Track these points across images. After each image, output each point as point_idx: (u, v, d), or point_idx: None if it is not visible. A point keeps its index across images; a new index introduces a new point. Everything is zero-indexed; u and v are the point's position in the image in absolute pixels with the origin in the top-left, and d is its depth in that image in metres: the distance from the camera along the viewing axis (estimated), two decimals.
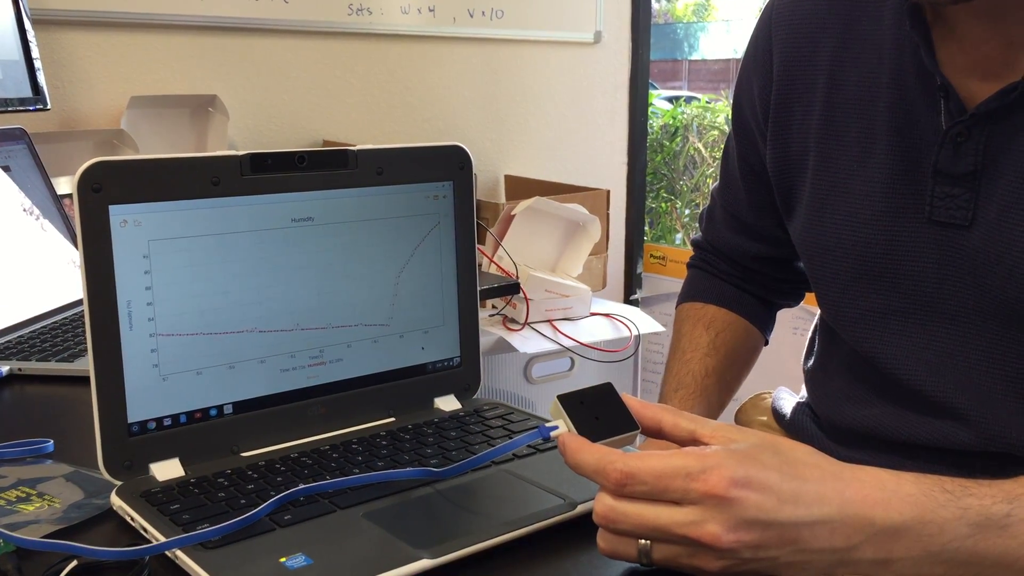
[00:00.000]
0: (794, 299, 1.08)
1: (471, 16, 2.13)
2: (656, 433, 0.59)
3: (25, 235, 1.16)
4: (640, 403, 0.60)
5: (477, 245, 0.81)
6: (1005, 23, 0.69)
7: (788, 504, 0.52)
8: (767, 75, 0.87)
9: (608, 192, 2.07)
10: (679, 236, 3.61)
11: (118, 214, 0.63)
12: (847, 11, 0.81)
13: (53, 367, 0.95)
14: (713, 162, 3.50)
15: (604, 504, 0.53)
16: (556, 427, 0.59)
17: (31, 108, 1.39)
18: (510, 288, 1.64)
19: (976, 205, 0.73)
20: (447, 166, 0.77)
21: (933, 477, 0.57)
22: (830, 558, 0.54)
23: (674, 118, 3.69)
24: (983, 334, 0.75)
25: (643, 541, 0.53)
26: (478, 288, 0.81)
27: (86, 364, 0.64)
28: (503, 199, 2.26)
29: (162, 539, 0.57)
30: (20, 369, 0.95)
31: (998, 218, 0.72)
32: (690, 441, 0.57)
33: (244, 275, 0.68)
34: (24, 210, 1.18)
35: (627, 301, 2.49)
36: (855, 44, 0.80)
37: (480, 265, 1.71)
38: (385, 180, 0.74)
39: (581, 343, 1.76)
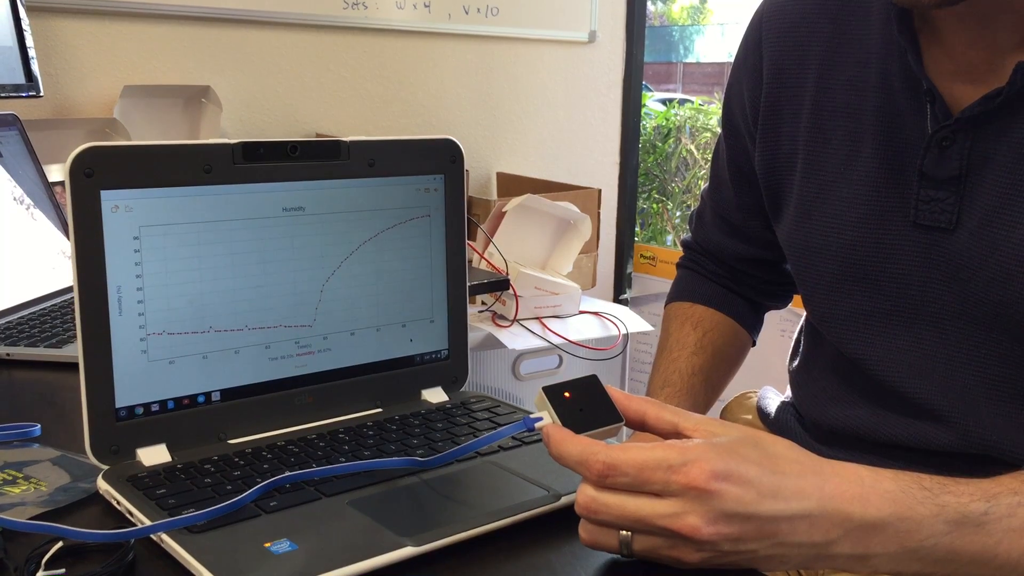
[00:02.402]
0: (782, 301, 1.08)
1: (466, 13, 2.13)
2: (640, 425, 0.60)
3: (15, 221, 1.16)
4: (624, 395, 0.60)
5: (468, 241, 0.81)
6: (990, 29, 0.70)
7: (767, 498, 0.53)
8: (757, 78, 0.88)
9: (599, 191, 2.08)
10: (670, 238, 3.62)
11: (109, 199, 0.63)
12: (836, 15, 0.82)
13: (41, 353, 0.96)
14: (705, 164, 3.51)
15: (586, 495, 0.54)
16: (540, 418, 0.59)
17: (24, 95, 1.39)
18: (500, 284, 1.65)
19: (960, 209, 0.74)
20: (439, 159, 0.78)
21: (911, 474, 0.58)
22: (808, 552, 0.54)
23: (667, 119, 3.70)
24: (966, 337, 0.75)
25: (624, 532, 0.54)
26: (467, 282, 0.81)
27: (74, 350, 0.64)
28: (495, 196, 2.26)
29: (148, 523, 0.57)
30: (8, 354, 0.95)
31: (982, 222, 0.72)
32: (673, 434, 0.58)
33: (234, 263, 0.69)
34: (14, 197, 1.18)
35: (616, 300, 2.49)
36: (843, 48, 0.81)
37: (470, 261, 1.72)
38: (377, 172, 0.74)
39: (570, 340, 1.76)
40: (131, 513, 0.59)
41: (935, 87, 0.73)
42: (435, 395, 0.80)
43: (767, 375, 1.19)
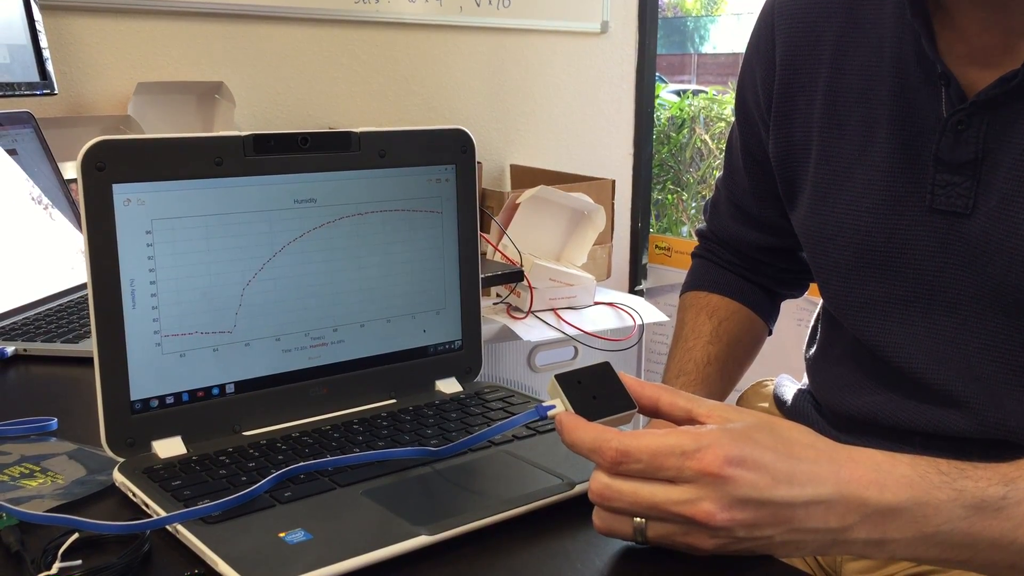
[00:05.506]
0: (798, 289, 1.08)
1: (478, 5, 2.13)
2: (653, 412, 0.60)
3: (32, 219, 1.17)
4: (637, 382, 0.60)
5: (482, 233, 0.81)
6: (1004, 11, 0.69)
7: (782, 483, 0.52)
8: (770, 64, 0.87)
9: (613, 182, 2.07)
10: (685, 228, 3.61)
11: (121, 193, 0.63)
12: (849, 1, 0.81)
13: (58, 348, 0.96)
14: (720, 154, 3.50)
15: (599, 482, 0.54)
16: (553, 406, 0.59)
17: (38, 93, 1.40)
18: (514, 276, 1.64)
19: (976, 193, 0.73)
20: (450, 149, 0.78)
21: (928, 459, 0.57)
22: (824, 538, 0.54)
23: (681, 110, 3.68)
24: (984, 322, 0.75)
25: (638, 519, 0.53)
26: (480, 272, 0.81)
27: (90, 345, 0.64)
28: (508, 188, 2.26)
29: (163, 514, 0.57)
30: (25, 350, 0.96)
31: (998, 206, 0.72)
32: (687, 420, 0.58)
33: (247, 255, 0.69)
34: (31, 195, 1.18)
35: (632, 291, 2.49)
36: (857, 33, 0.80)
37: (484, 253, 1.72)
38: (388, 163, 0.74)
39: (585, 332, 1.76)
40: (147, 505, 0.59)
41: (949, 71, 0.72)
42: (449, 386, 0.80)
43: (784, 364, 1.18)
